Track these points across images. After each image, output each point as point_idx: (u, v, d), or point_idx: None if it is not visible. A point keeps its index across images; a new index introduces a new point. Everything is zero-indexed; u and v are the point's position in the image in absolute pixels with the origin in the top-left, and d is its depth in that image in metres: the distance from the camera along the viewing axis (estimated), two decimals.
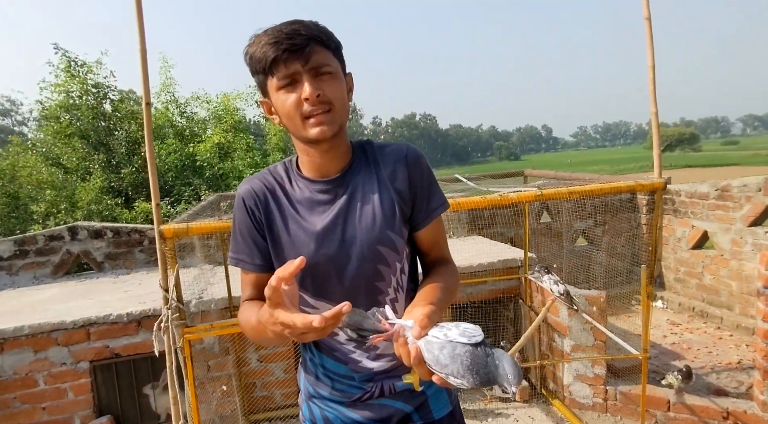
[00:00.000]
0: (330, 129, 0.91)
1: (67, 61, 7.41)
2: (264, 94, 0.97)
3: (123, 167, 7.41)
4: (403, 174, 1.01)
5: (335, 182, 1.00)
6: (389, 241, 0.98)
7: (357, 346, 1.04)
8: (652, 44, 2.12)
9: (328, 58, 0.91)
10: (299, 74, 0.88)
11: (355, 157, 1.04)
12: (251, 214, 1.00)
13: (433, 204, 1.05)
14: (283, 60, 0.87)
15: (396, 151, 1.04)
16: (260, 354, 3.29)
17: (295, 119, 0.91)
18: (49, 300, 3.43)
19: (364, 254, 0.98)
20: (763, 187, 4.02)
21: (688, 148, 59.49)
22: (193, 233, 1.81)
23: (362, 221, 0.98)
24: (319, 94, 0.88)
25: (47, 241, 3.96)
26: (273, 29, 0.89)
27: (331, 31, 0.94)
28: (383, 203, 0.99)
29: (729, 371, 3.60)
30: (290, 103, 0.90)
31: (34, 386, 2.91)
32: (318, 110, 0.89)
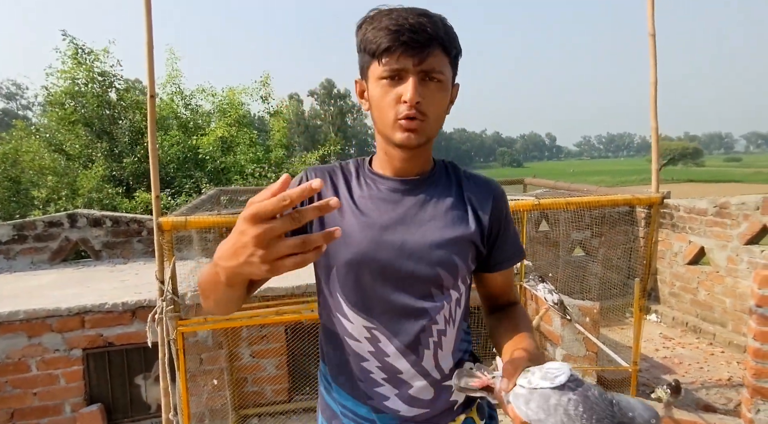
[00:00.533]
0: (417, 139, 0.84)
1: (74, 48, 7.43)
2: (362, 74, 0.88)
3: (125, 157, 7.43)
4: (488, 206, 0.93)
5: (409, 184, 0.91)
6: (452, 265, 0.87)
7: (388, 378, 0.89)
8: (655, 60, 2.13)
9: (443, 64, 0.83)
10: (407, 72, 0.80)
11: (437, 170, 0.96)
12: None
13: (511, 251, 0.97)
14: (398, 52, 0.78)
15: (484, 180, 0.97)
16: (253, 350, 3.30)
17: (386, 116, 0.84)
18: (46, 286, 3.45)
19: (421, 270, 0.86)
20: (761, 206, 4.04)
21: (691, 163, 59.46)
22: (191, 227, 1.83)
23: (429, 232, 0.87)
24: (419, 101, 0.81)
25: (46, 227, 3.97)
26: (399, 13, 0.80)
27: (456, 35, 0.85)
28: (458, 222, 0.89)
29: (719, 387, 3.61)
30: (388, 99, 0.82)
31: (26, 371, 2.92)
32: (412, 115, 0.81)
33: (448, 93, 0.87)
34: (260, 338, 3.29)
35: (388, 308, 0.87)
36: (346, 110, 51.16)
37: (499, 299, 1.03)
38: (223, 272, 0.62)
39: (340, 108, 50.78)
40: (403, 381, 0.88)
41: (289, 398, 3.41)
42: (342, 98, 51.35)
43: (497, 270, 0.97)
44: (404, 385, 0.88)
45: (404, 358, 0.88)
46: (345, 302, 0.89)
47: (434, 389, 0.90)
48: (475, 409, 0.97)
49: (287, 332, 3.36)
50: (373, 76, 0.84)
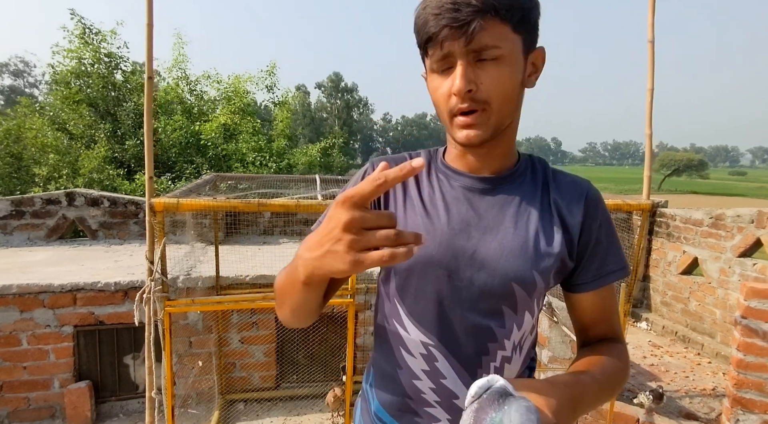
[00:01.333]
0: (478, 136, 0.71)
1: (81, 28, 7.44)
2: (425, 68, 0.76)
3: (128, 139, 7.46)
4: (578, 211, 0.78)
5: (486, 182, 0.78)
6: (530, 281, 0.74)
7: (441, 401, 0.78)
8: (653, 68, 2.14)
9: (499, 36, 0.67)
10: (454, 58, 0.68)
11: (521, 166, 0.81)
12: None
13: (609, 265, 0.79)
14: (441, 38, 0.66)
15: (575, 182, 0.81)
16: (242, 335, 3.33)
17: (443, 114, 0.73)
18: (41, 262, 3.48)
19: (494, 286, 0.74)
20: (756, 219, 4.04)
21: (695, 175, 59.33)
22: (183, 209, 1.85)
23: (506, 240, 0.74)
24: (472, 89, 0.68)
25: (44, 204, 4.00)
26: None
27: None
28: (540, 232, 0.75)
29: (702, 396, 3.63)
30: (440, 94, 0.71)
31: (17, 344, 2.96)
32: (465, 109, 0.69)
33: (516, 67, 0.70)
34: (250, 325, 3.33)
35: (451, 324, 0.76)
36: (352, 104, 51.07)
37: (589, 330, 0.83)
38: (303, 267, 0.58)
39: (347, 102, 50.70)
40: (458, 408, 0.76)
41: (276, 385, 3.44)
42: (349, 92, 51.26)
43: (584, 290, 0.79)
44: (459, 412, 0.74)
45: (461, 382, 0.77)
46: (402, 310, 0.79)
47: None
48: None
49: (277, 320, 3.39)
50: (428, 69, 0.74)
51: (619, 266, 0.80)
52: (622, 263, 0.81)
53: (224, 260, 3.25)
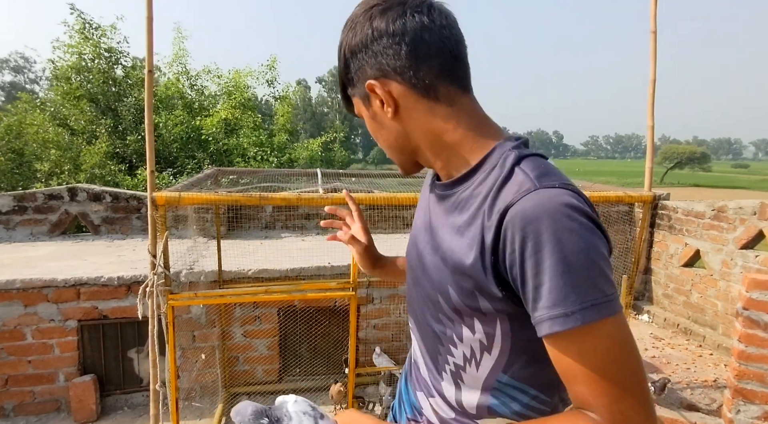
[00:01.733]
0: (404, 171, 0.82)
1: (81, 23, 7.42)
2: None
3: (129, 134, 7.45)
4: (491, 229, 0.63)
5: (442, 187, 0.77)
6: (446, 295, 0.70)
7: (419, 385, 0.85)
8: (655, 59, 2.13)
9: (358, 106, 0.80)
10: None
11: (481, 169, 0.70)
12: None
13: (544, 306, 0.58)
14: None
15: (512, 191, 0.63)
16: (245, 329, 3.35)
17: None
18: (44, 257, 3.49)
19: (427, 286, 0.76)
20: (759, 211, 4.03)
21: (698, 168, 59.16)
22: (185, 203, 1.85)
23: (439, 248, 0.72)
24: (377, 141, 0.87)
25: (46, 199, 4.01)
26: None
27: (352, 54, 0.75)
28: (461, 244, 0.67)
29: (704, 388, 3.64)
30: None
31: (21, 339, 2.98)
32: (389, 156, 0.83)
33: (378, 118, 0.73)
34: (253, 319, 3.34)
35: (416, 318, 0.84)
36: None
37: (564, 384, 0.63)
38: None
39: None
40: (430, 389, 0.82)
41: (280, 379, 3.47)
42: None
43: (540, 334, 0.60)
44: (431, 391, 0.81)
45: (427, 368, 0.82)
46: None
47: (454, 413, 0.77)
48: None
49: (280, 314, 3.40)
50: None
51: (561, 311, 0.57)
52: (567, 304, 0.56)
53: (226, 255, 3.26)
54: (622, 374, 0.58)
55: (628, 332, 0.61)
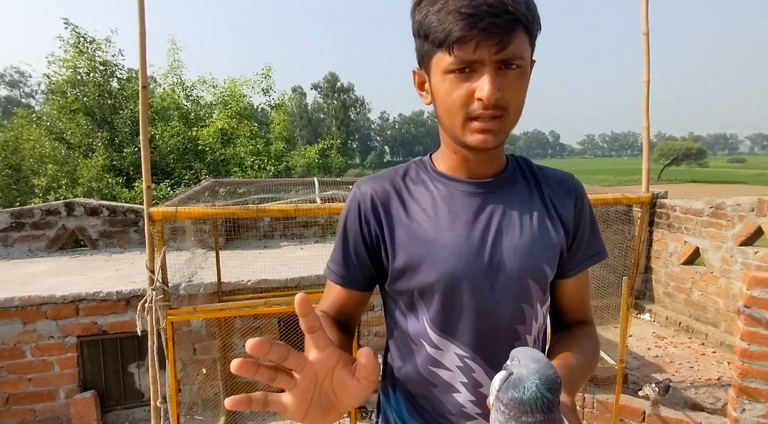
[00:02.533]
0: (495, 141, 0.71)
1: (76, 37, 7.44)
2: (422, 65, 0.74)
3: (126, 147, 7.46)
4: (570, 205, 0.82)
5: (485, 186, 0.79)
6: (542, 274, 0.77)
7: (483, 413, 0.77)
8: (648, 60, 2.14)
9: (524, 48, 0.68)
10: (482, 64, 0.66)
11: (511, 166, 0.84)
12: (364, 221, 0.80)
13: (591, 249, 0.85)
14: (474, 42, 0.64)
15: (562, 176, 0.86)
16: (246, 341, 3.33)
17: (455, 116, 0.70)
18: (42, 273, 3.48)
19: (512, 285, 0.75)
20: (756, 207, 4.04)
21: (695, 164, 59.30)
22: (182, 217, 1.85)
23: (516, 240, 0.76)
24: (499, 97, 0.67)
25: (44, 215, 4.00)
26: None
27: (536, 7, 0.70)
28: (543, 227, 0.79)
29: (708, 387, 3.63)
30: (456, 95, 0.69)
31: (21, 357, 2.96)
32: (488, 115, 0.68)
33: (528, 78, 0.72)
34: (253, 330, 3.33)
35: (480, 332, 0.76)
36: (349, 104, 51.12)
37: (567, 314, 0.87)
38: None
39: (344, 102, 50.76)
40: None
41: (282, 389, 3.45)
42: (345, 92, 51.29)
43: (568, 276, 0.83)
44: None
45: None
46: (432, 329, 0.77)
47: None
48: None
49: (280, 324, 3.39)
50: (439, 68, 0.69)
51: (599, 250, 0.86)
52: (601, 247, 0.87)
53: (225, 265, 3.25)
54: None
55: None
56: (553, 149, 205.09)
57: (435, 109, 0.76)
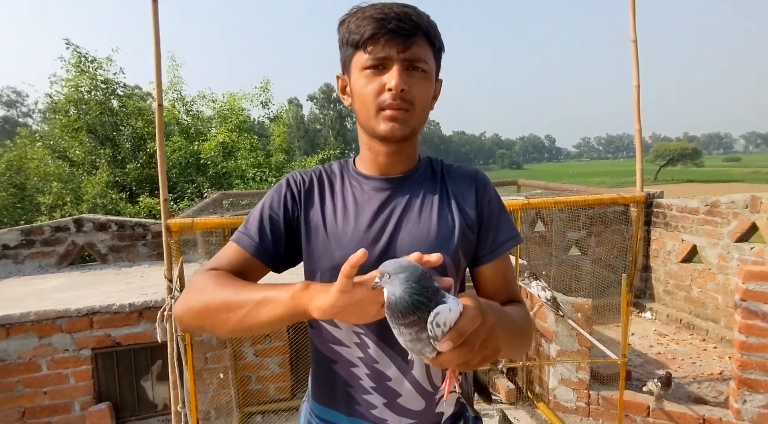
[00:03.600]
0: (401, 130, 0.81)
1: (77, 57, 7.57)
2: (345, 69, 0.87)
3: (128, 163, 7.56)
4: (471, 193, 0.90)
5: (394, 182, 0.89)
6: (440, 265, 0.80)
7: (377, 386, 0.85)
8: (637, 65, 2.24)
9: (427, 54, 0.82)
10: (391, 61, 0.78)
11: (421, 166, 0.94)
12: (286, 198, 0.89)
13: (501, 236, 0.90)
14: (383, 40, 0.77)
15: (466, 172, 0.94)
16: (256, 349, 3.40)
17: (369, 107, 0.81)
18: (54, 289, 3.55)
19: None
20: (750, 204, 4.13)
21: (690, 163, 59.65)
22: (198, 228, 1.93)
23: (416, 233, 0.85)
24: (404, 89, 0.78)
25: (53, 231, 4.07)
26: (383, 4, 0.80)
27: (437, 27, 0.84)
28: (442, 220, 0.86)
29: (710, 381, 3.70)
30: (370, 88, 0.80)
31: (36, 370, 3.02)
32: (396, 105, 0.79)
33: (433, 85, 0.85)
34: (263, 338, 3.39)
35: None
36: (345, 114, 51.40)
37: (495, 297, 0.89)
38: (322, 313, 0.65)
39: (339, 112, 51.06)
40: (392, 389, 0.85)
41: (292, 396, 3.50)
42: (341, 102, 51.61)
43: (488, 260, 0.89)
44: (393, 393, 0.85)
45: (393, 364, 0.84)
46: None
47: (424, 400, 0.86)
48: (463, 422, 0.93)
49: (289, 331, 3.45)
50: (356, 66, 0.82)
51: (512, 235, 0.92)
52: (514, 232, 0.92)
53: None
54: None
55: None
56: (549, 153, 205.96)
57: (354, 109, 0.86)
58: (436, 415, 0.88)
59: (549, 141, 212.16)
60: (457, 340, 0.56)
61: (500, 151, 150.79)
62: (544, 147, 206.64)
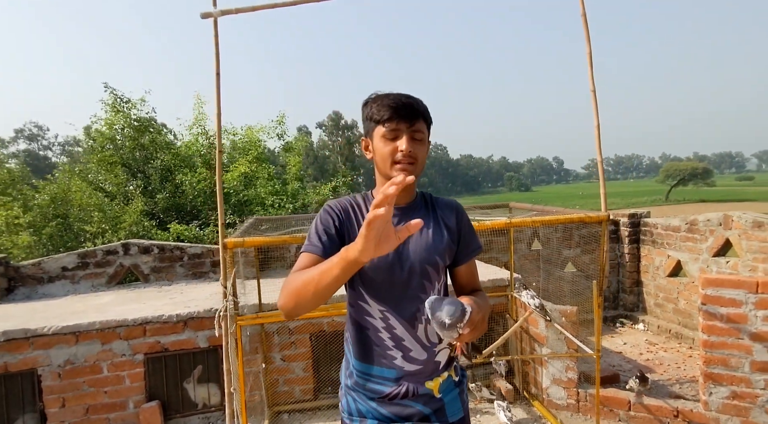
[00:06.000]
0: (412, 176, 1.11)
1: (113, 98, 8.37)
2: (367, 135, 1.30)
3: (158, 193, 8.21)
4: (453, 218, 1.36)
5: (402, 210, 1.31)
6: (434, 262, 1.28)
7: (396, 345, 1.27)
8: (597, 112, 2.77)
9: (423, 128, 1.26)
10: (402, 132, 1.22)
11: (418, 198, 1.37)
12: (333, 218, 1.27)
13: (472, 246, 1.38)
14: (396, 119, 1.21)
15: (449, 202, 1.41)
16: (283, 354, 3.88)
17: (386, 161, 1.23)
18: (109, 304, 4.09)
19: (415, 269, 1.26)
20: (723, 222, 4.58)
21: (702, 183, 59.27)
22: (248, 245, 2.47)
23: (418, 243, 1.27)
24: (411, 150, 1.21)
25: (105, 255, 4.66)
26: (394, 96, 1.24)
27: (429, 111, 1.29)
28: (435, 234, 1.30)
29: (691, 382, 4.08)
30: (388, 150, 1.22)
31: (99, 372, 3.53)
32: (406, 161, 1.22)
33: (427, 146, 1.30)
34: (289, 344, 3.88)
35: (395, 296, 1.25)
36: (353, 140, 52.41)
37: (465, 287, 1.39)
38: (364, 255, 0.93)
39: (348, 138, 52.06)
40: (406, 346, 1.27)
41: (315, 397, 3.95)
42: (349, 129, 52.74)
43: (462, 263, 1.38)
44: (406, 349, 1.27)
45: (406, 330, 1.27)
46: (366, 293, 1.28)
47: (426, 352, 1.29)
48: (452, 368, 1.38)
49: (311, 339, 3.93)
50: (377, 135, 1.25)
51: (478, 245, 1.41)
52: (479, 243, 1.42)
53: (263, 291, 3.83)
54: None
55: None
56: (558, 175, 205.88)
57: (375, 161, 1.28)
58: (435, 362, 1.32)
59: (557, 163, 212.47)
60: (472, 327, 1.06)
61: (508, 173, 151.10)
62: (552, 169, 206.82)
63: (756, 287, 2.96)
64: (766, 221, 4.24)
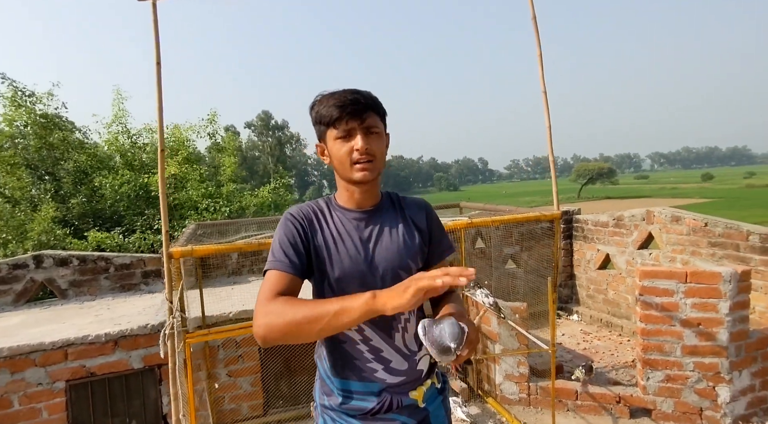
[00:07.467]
0: (371, 174, 1.16)
1: (13, 91, 7.36)
2: (320, 139, 1.21)
3: (72, 198, 7.35)
4: (423, 218, 1.30)
5: (368, 213, 1.24)
6: (407, 267, 1.21)
7: (375, 357, 1.20)
8: (548, 111, 2.84)
9: (377, 121, 1.17)
10: (355, 130, 1.13)
11: (384, 199, 1.29)
12: (299, 227, 1.19)
13: (444, 247, 1.32)
14: (346, 118, 1.12)
15: (417, 201, 1.34)
16: (229, 369, 3.60)
17: (345, 163, 1.15)
18: (18, 326, 3.55)
19: (388, 276, 1.18)
20: (645, 217, 4.99)
21: (607, 182, 65.30)
22: (197, 254, 2.23)
23: (389, 248, 1.20)
24: (367, 147, 1.13)
25: (11, 269, 4.05)
26: (339, 94, 1.15)
27: (380, 102, 1.20)
28: (406, 236, 1.23)
29: (625, 368, 4.38)
30: (344, 151, 1.14)
31: (8, 406, 3.04)
32: (364, 159, 1.14)
33: (384, 140, 1.21)
34: (236, 359, 3.61)
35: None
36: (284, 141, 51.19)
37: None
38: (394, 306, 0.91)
39: (279, 138, 50.80)
40: (385, 358, 1.21)
41: (265, 412, 3.72)
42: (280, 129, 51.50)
43: (434, 263, 1.30)
44: (386, 360, 1.21)
45: (383, 341, 1.21)
46: None
47: (407, 361, 1.23)
48: (435, 375, 1.32)
49: (260, 352, 3.70)
50: (330, 138, 1.16)
51: (448, 246, 1.35)
52: (449, 244, 1.35)
53: (207, 302, 3.53)
54: None
55: None
56: (483, 175, 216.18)
57: (333, 165, 1.20)
58: (418, 371, 1.26)
59: (482, 163, 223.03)
60: (471, 347, 1.01)
61: (437, 174, 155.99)
62: (478, 169, 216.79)
63: (685, 276, 3.21)
64: (682, 216, 4.67)
